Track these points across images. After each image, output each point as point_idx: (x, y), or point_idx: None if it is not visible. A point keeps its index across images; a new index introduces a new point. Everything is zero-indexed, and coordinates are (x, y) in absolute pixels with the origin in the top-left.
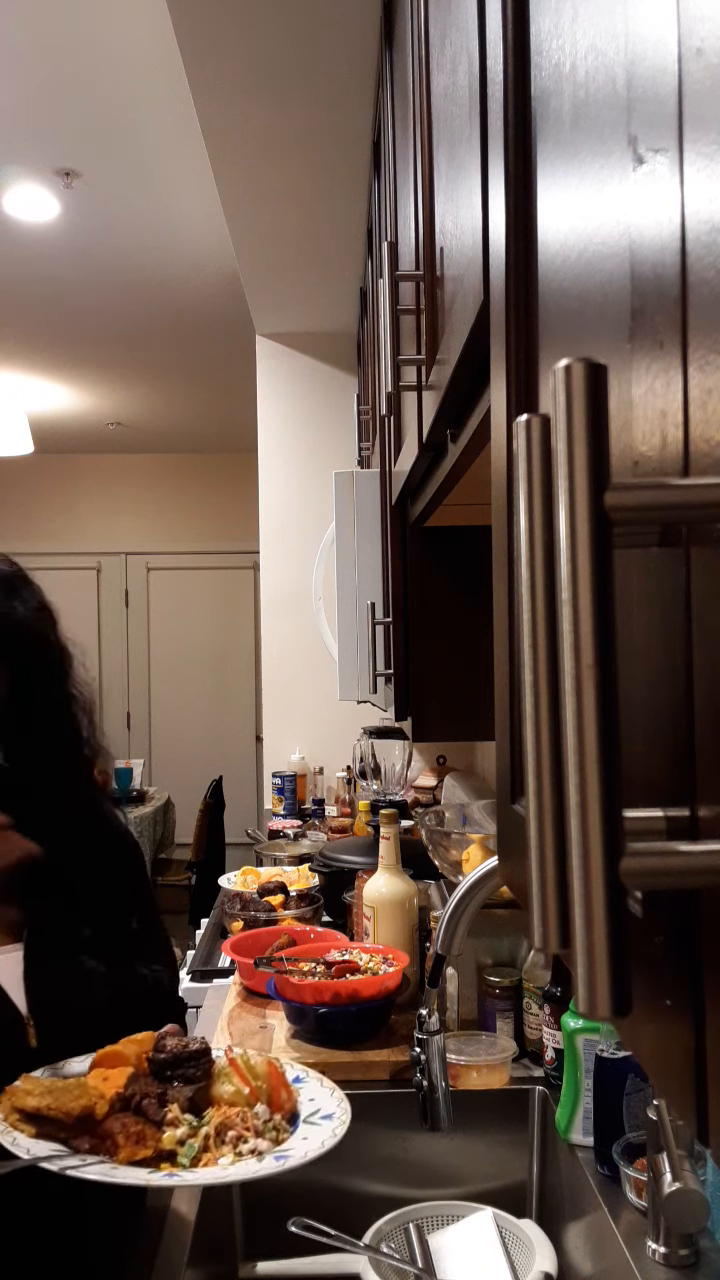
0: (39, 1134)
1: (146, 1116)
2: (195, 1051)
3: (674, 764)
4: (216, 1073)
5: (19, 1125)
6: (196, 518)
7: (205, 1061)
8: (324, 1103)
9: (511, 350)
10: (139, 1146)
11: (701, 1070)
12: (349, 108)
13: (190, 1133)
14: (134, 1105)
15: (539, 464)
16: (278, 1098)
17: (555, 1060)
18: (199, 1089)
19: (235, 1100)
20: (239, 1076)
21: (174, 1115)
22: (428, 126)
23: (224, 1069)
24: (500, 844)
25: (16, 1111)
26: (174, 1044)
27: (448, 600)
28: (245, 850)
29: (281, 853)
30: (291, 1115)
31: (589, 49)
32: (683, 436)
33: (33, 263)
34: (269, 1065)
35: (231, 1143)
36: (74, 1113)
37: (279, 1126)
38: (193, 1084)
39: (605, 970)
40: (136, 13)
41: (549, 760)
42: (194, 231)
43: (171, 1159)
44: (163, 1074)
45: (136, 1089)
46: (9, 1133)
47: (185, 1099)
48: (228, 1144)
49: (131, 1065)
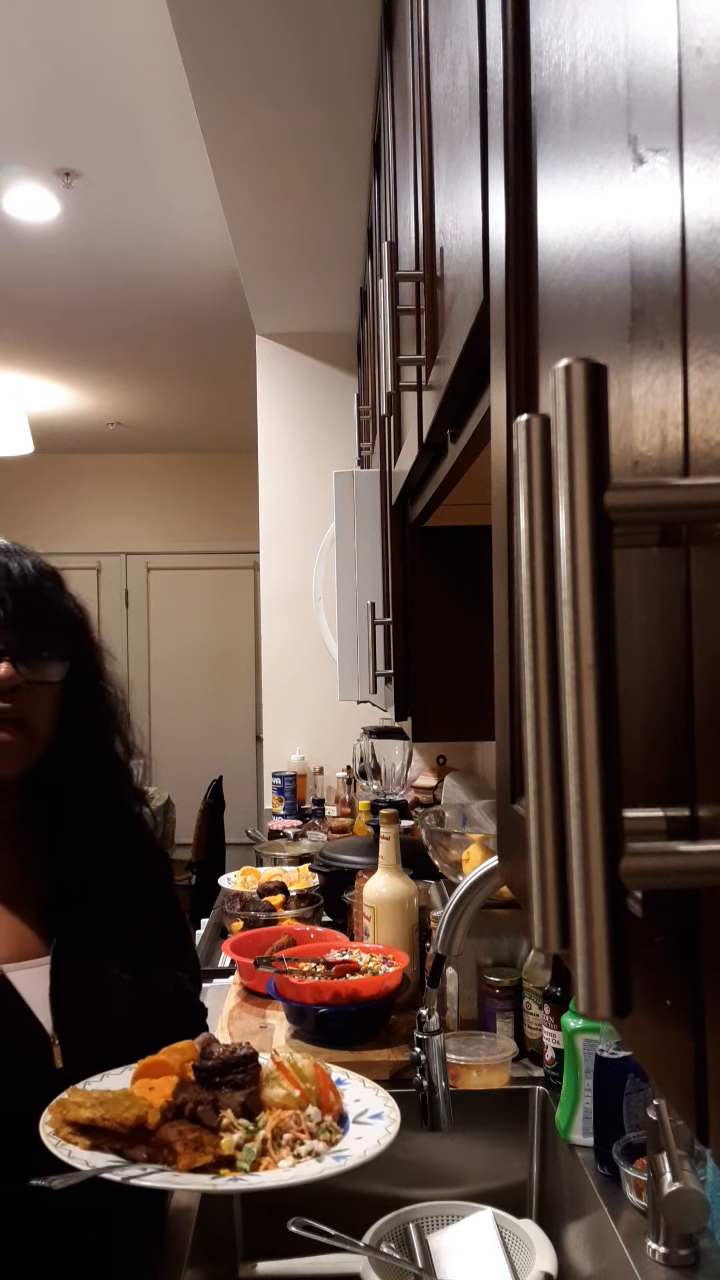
0: (92, 1145)
1: (202, 1123)
2: (243, 1057)
3: (674, 764)
4: (264, 1077)
5: (71, 1138)
6: (196, 518)
7: (253, 1066)
8: (370, 1102)
9: (511, 350)
10: (198, 1153)
11: (701, 1070)
12: (349, 108)
13: (247, 1137)
14: (188, 1112)
15: (539, 464)
16: (326, 1100)
17: (555, 1060)
18: (250, 1094)
19: (286, 1103)
20: (288, 1079)
21: (229, 1120)
22: (428, 126)
23: (271, 1073)
24: (500, 844)
25: (69, 1125)
26: (220, 1050)
27: (448, 600)
28: (245, 850)
29: (281, 853)
30: (340, 1116)
31: (589, 49)
32: (683, 436)
33: (33, 263)
34: (316, 1067)
35: (288, 1145)
36: (128, 1123)
37: (331, 1128)
38: (242, 1089)
39: (605, 970)
40: (136, 13)
41: (549, 760)
42: (194, 231)
43: (230, 1164)
44: (210, 1081)
45: (188, 1096)
46: (63, 1146)
47: (238, 1104)
48: (285, 1146)
49: (175, 1074)
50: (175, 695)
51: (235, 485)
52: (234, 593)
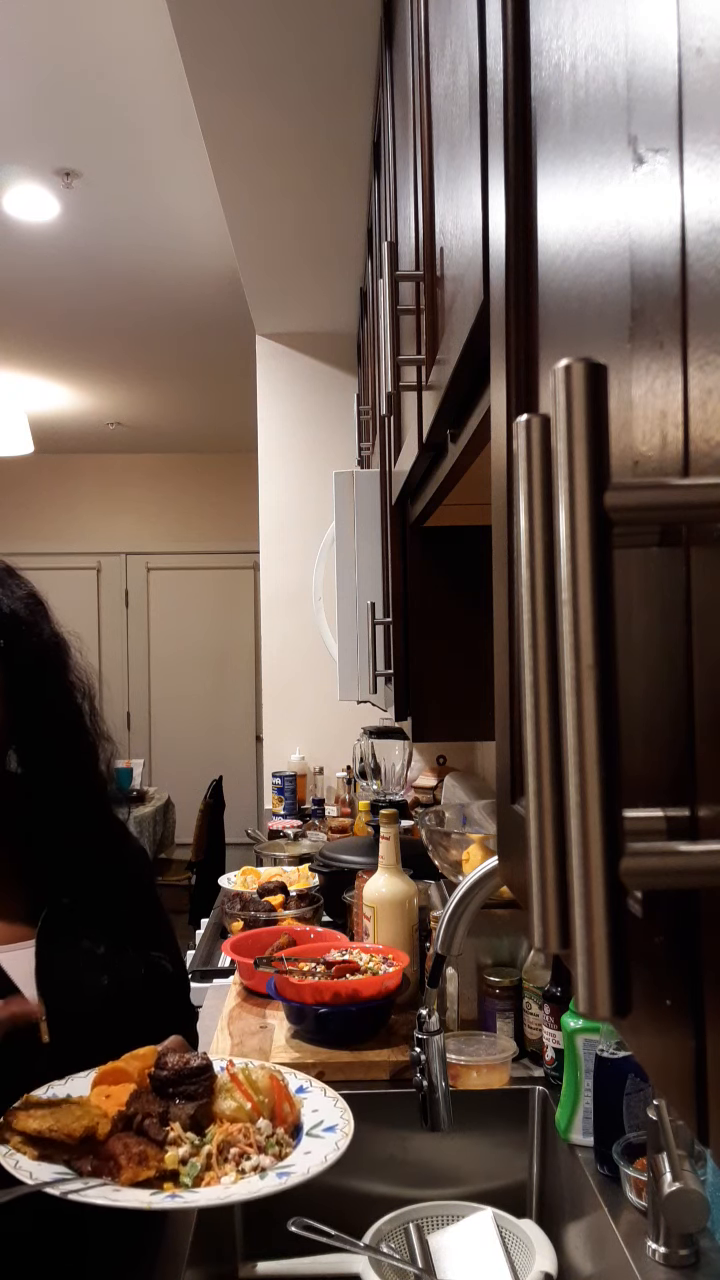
0: (41, 1156)
1: (148, 1136)
2: (196, 1068)
3: (674, 764)
4: (218, 1088)
5: (21, 1148)
6: (196, 518)
7: (207, 1078)
8: (327, 1114)
9: (511, 350)
10: (141, 1167)
11: (701, 1070)
12: (349, 108)
13: (192, 1151)
14: (136, 1125)
15: (539, 464)
16: (280, 1111)
17: (555, 1060)
18: (201, 1106)
19: (237, 1116)
20: (240, 1092)
21: (176, 1134)
22: (428, 126)
23: (225, 1084)
24: (500, 844)
25: (19, 1134)
26: (175, 1061)
27: (448, 600)
28: (245, 850)
29: (281, 853)
30: (295, 1128)
31: (589, 49)
32: (683, 436)
33: (33, 263)
34: (271, 1079)
35: (234, 1160)
36: (76, 1134)
37: (282, 1140)
38: (194, 1101)
39: (605, 970)
40: (136, 13)
41: (549, 760)
42: (194, 231)
43: (174, 1179)
44: (164, 1091)
45: (138, 1107)
46: (11, 1155)
47: (187, 1117)
48: (230, 1161)
49: (134, 1082)
50: (175, 695)
51: (235, 485)
52: (234, 593)
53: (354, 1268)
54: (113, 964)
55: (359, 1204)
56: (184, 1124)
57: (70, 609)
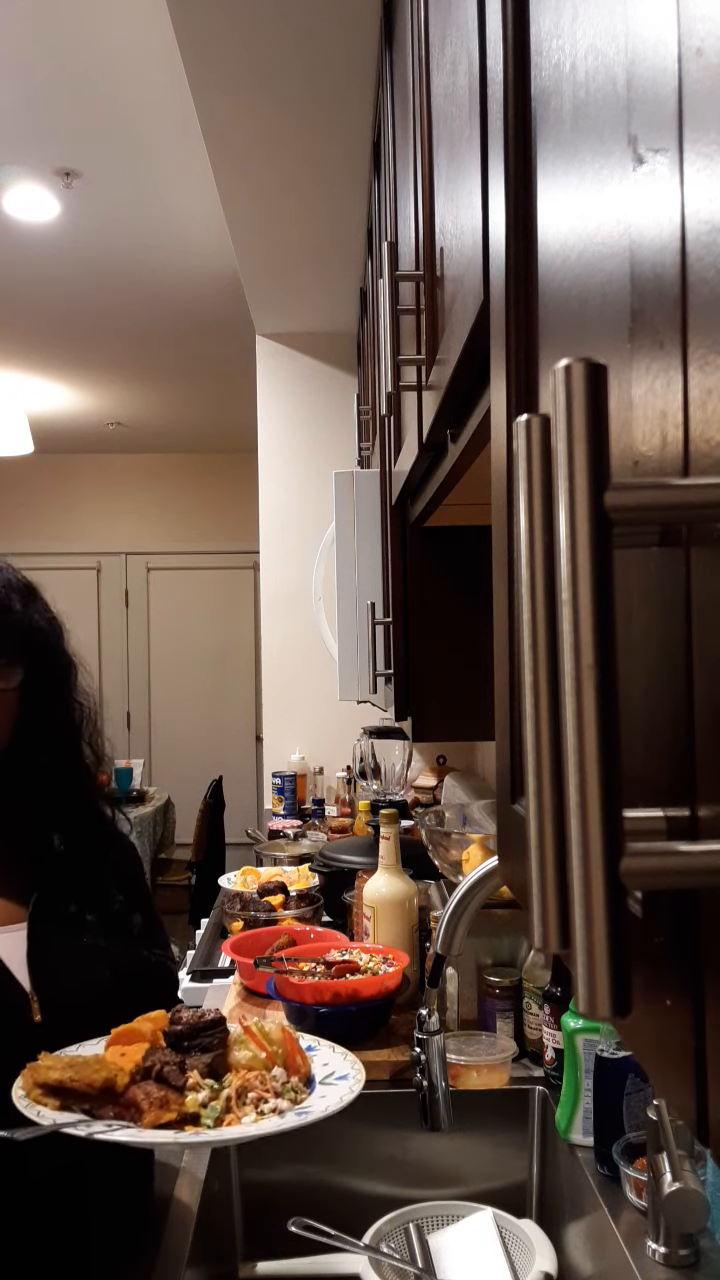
0: (61, 1107)
1: (168, 1083)
2: (211, 1021)
3: (674, 764)
4: (232, 1041)
5: (42, 1100)
6: (196, 518)
7: (221, 1030)
8: (337, 1066)
9: (511, 350)
10: (163, 1111)
11: (702, 1070)
12: (349, 108)
13: (212, 1095)
14: (155, 1074)
15: (539, 464)
16: (293, 1062)
17: (555, 1060)
18: (216, 1057)
19: (253, 1064)
20: (255, 1042)
21: (195, 1080)
22: (428, 126)
23: (239, 1037)
24: (500, 844)
25: (39, 1086)
26: (189, 1015)
27: (448, 600)
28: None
29: (281, 853)
30: (307, 1079)
31: (589, 49)
32: (683, 436)
33: (33, 263)
34: (283, 1032)
35: (253, 1103)
36: (96, 1084)
37: (296, 1088)
38: (210, 1052)
39: (605, 970)
40: (136, 13)
41: (549, 760)
42: (194, 231)
43: (195, 1121)
44: (179, 1045)
45: (156, 1059)
46: (32, 1106)
47: (204, 1065)
48: (249, 1104)
49: (148, 1041)
50: (175, 695)
51: (235, 485)
52: (234, 593)
53: (354, 1268)
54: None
55: (359, 1204)
56: (202, 1072)
57: (70, 609)
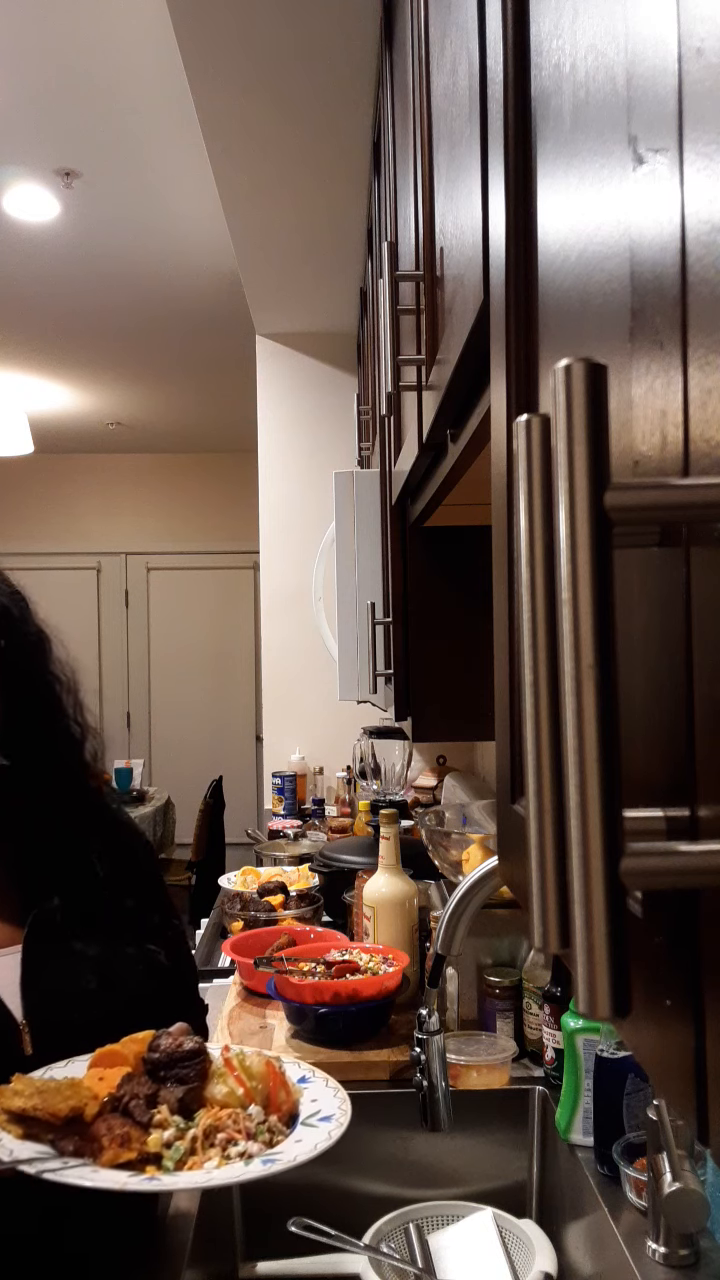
0: (26, 1135)
1: (133, 1118)
2: (189, 1052)
3: (674, 764)
4: (212, 1073)
5: (6, 1126)
6: (196, 518)
7: (199, 1062)
8: (325, 1104)
9: (511, 350)
10: (123, 1149)
11: (701, 1070)
12: (349, 108)
13: (178, 1135)
14: (121, 1107)
15: (539, 464)
16: (275, 1098)
17: (555, 1060)
18: (191, 1090)
19: (228, 1101)
20: (233, 1077)
21: (162, 1117)
22: (428, 126)
23: (219, 1069)
24: (500, 844)
25: (4, 1112)
26: (168, 1043)
27: (448, 600)
28: (245, 850)
29: (281, 853)
30: (291, 1116)
31: (589, 49)
32: (683, 436)
33: (33, 263)
34: (267, 1065)
35: (220, 1145)
36: (61, 1114)
37: (274, 1128)
38: (185, 1084)
39: (605, 970)
40: (137, 13)
41: (549, 760)
42: (194, 231)
43: (157, 1161)
44: (156, 1074)
45: (128, 1089)
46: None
47: (175, 1100)
48: (216, 1146)
49: (129, 1065)
50: (175, 695)
51: (235, 485)
52: (234, 593)
53: (354, 1268)
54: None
55: (359, 1204)
56: (172, 1107)
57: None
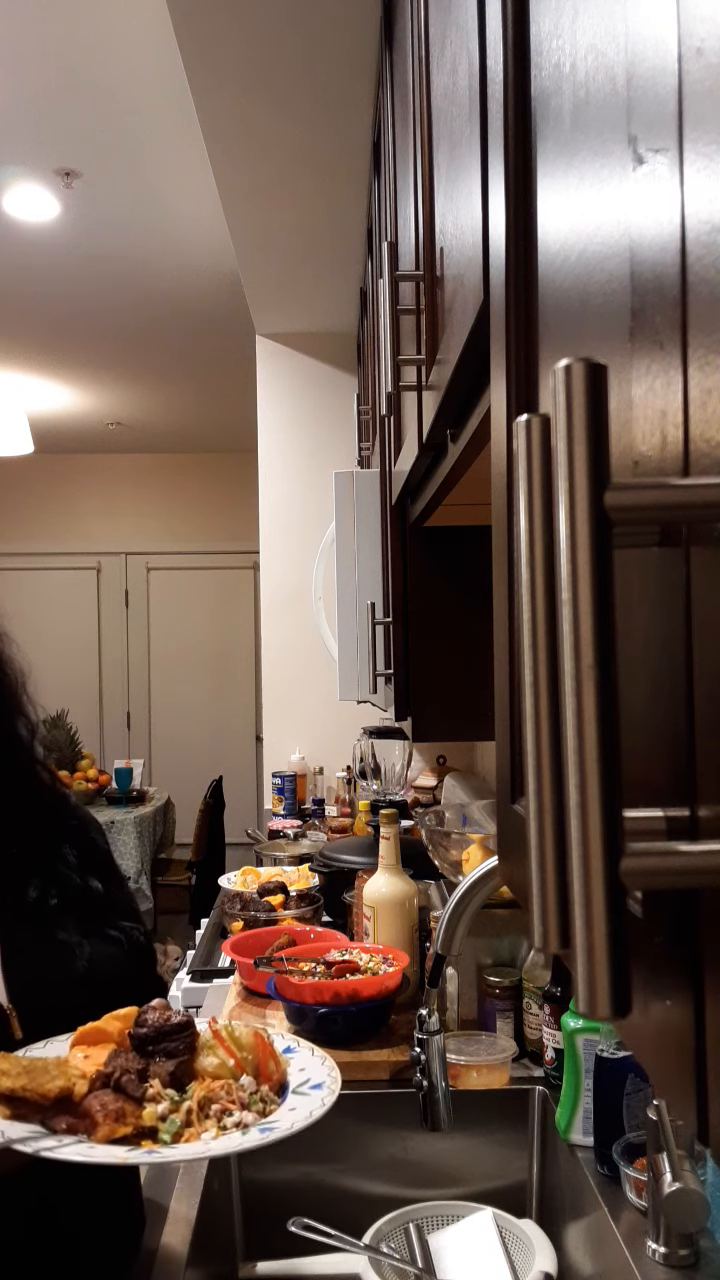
0: (14, 1115)
1: (126, 1093)
2: (177, 1025)
3: (674, 764)
4: (200, 1046)
5: None
6: (196, 518)
7: (188, 1034)
8: (314, 1072)
9: (511, 350)
10: (118, 1124)
11: (701, 1071)
12: (349, 108)
13: (172, 1108)
14: (113, 1082)
15: (539, 464)
16: (265, 1068)
17: (555, 1060)
18: (182, 1063)
19: (220, 1073)
20: (223, 1048)
21: (155, 1091)
22: (428, 126)
23: (208, 1041)
24: (500, 844)
25: None
26: (155, 1018)
27: (448, 600)
28: (245, 850)
29: (281, 853)
30: (280, 1086)
31: (589, 49)
32: (683, 436)
33: (33, 263)
34: (255, 1035)
35: (215, 1116)
36: (50, 1094)
37: (266, 1098)
38: (175, 1058)
39: (605, 970)
40: (136, 13)
41: (549, 760)
42: (194, 231)
43: (153, 1136)
44: (144, 1049)
45: (117, 1065)
46: None
47: (167, 1074)
48: (211, 1118)
49: (114, 1042)
50: (175, 695)
51: (235, 485)
52: (234, 593)
53: (354, 1268)
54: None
55: (359, 1204)
56: (164, 1081)
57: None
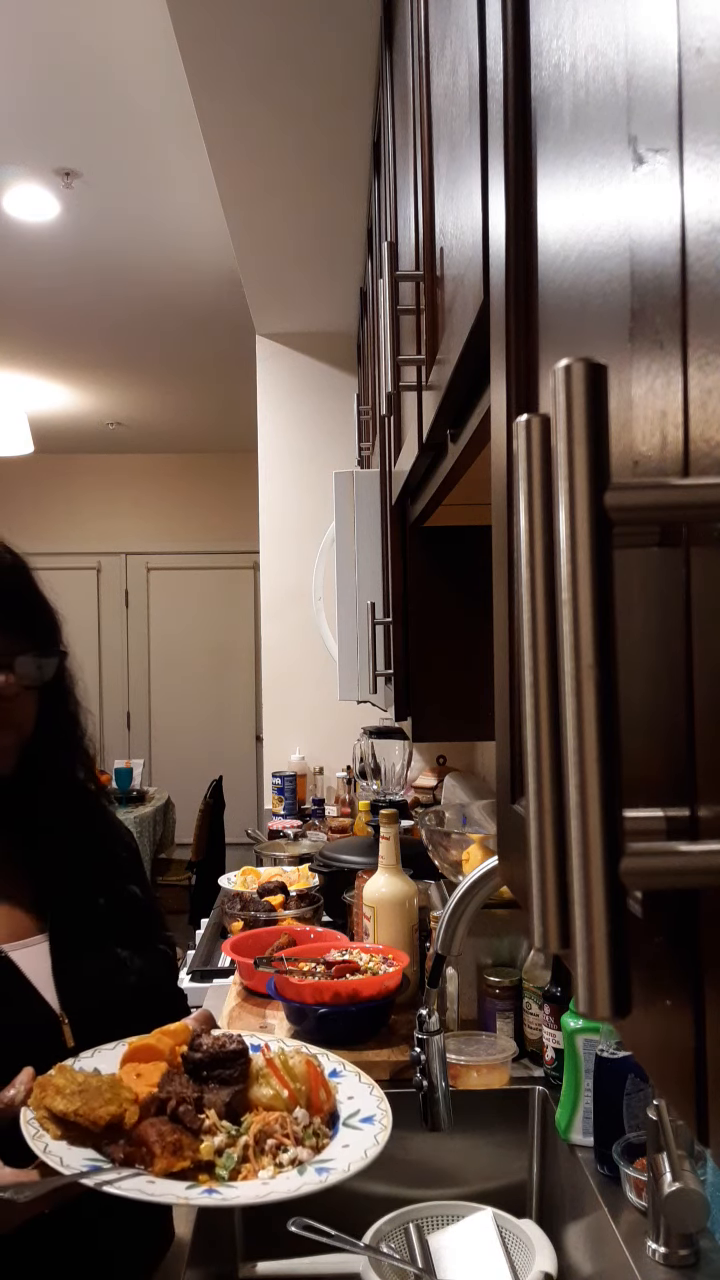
0: (64, 1135)
1: (183, 1124)
2: (233, 1052)
3: (674, 764)
4: (254, 1074)
5: (45, 1123)
6: (196, 518)
7: (242, 1062)
8: (363, 1102)
9: (511, 350)
10: (176, 1157)
11: (701, 1070)
12: (349, 108)
13: (229, 1141)
14: (170, 1110)
15: (539, 464)
16: (317, 1099)
17: (555, 1060)
18: (238, 1093)
19: (274, 1104)
20: (277, 1079)
21: (212, 1122)
22: (428, 126)
23: (261, 1070)
24: (500, 844)
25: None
26: (209, 1043)
27: (448, 600)
28: (245, 850)
29: (281, 853)
30: (330, 1117)
31: (589, 49)
32: (683, 436)
33: (33, 263)
34: (308, 1065)
35: (271, 1152)
36: (101, 1121)
37: (319, 1131)
38: (229, 1086)
39: (605, 970)
40: (137, 12)
41: (549, 760)
42: (194, 231)
43: (209, 1169)
44: (198, 1074)
45: (172, 1091)
46: (41, 1137)
47: (223, 1104)
48: (267, 1154)
49: (165, 1060)
50: (175, 695)
51: (235, 485)
52: (234, 593)
53: (354, 1268)
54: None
55: (359, 1204)
56: (220, 1111)
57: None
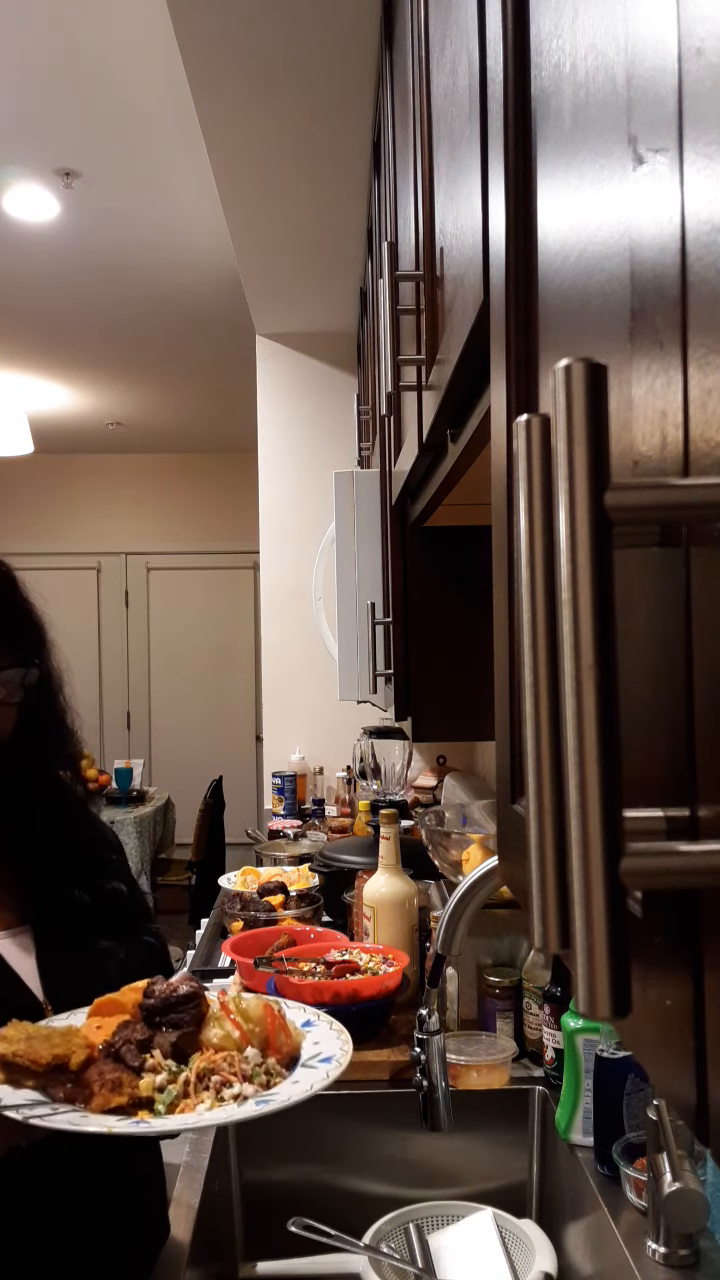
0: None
1: (125, 1063)
2: (185, 995)
3: (674, 764)
4: (209, 1018)
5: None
6: (196, 518)
7: (194, 1005)
8: (327, 1046)
9: (511, 350)
10: (114, 1094)
11: (701, 1071)
12: (349, 108)
13: (170, 1079)
14: (113, 1052)
15: (539, 464)
16: (274, 1041)
17: (555, 1060)
18: (186, 1034)
19: (224, 1044)
20: (229, 1020)
21: (155, 1061)
22: (428, 126)
23: (215, 1013)
24: (500, 844)
25: None
26: (162, 988)
27: (448, 600)
28: (245, 850)
29: (281, 853)
30: (292, 1059)
31: (589, 49)
32: (683, 436)
33: (33, 263)
34: (265, 1007)
35: (215, 1088)
36: (42, 1061)
37: (272, 1071)
38: (180, 1029)
39: (605, 970)
40: (136, 13)
41: (549, 760)
42: (194, 231)
43: (150, 1106)
44: (152, 1020)
45: (121, 1035)
46: None
47: (169, 1045)
48: (210, 1090)
49: (127, 1013)
50: (175, 695)
51: (235, 485)
52: (234, 593)
53: (354, 1268)
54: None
55: (359, 1204)
56: (165, 1051)
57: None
